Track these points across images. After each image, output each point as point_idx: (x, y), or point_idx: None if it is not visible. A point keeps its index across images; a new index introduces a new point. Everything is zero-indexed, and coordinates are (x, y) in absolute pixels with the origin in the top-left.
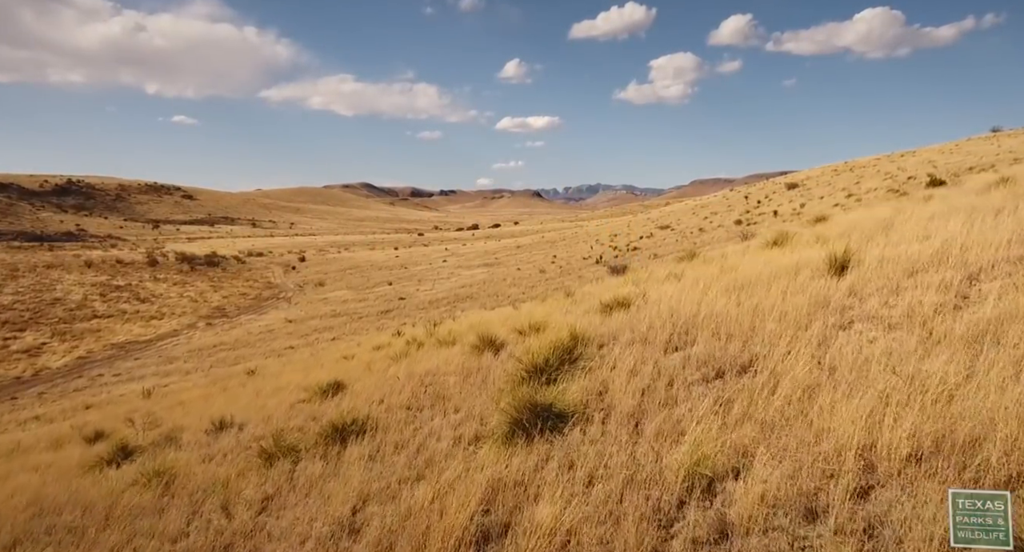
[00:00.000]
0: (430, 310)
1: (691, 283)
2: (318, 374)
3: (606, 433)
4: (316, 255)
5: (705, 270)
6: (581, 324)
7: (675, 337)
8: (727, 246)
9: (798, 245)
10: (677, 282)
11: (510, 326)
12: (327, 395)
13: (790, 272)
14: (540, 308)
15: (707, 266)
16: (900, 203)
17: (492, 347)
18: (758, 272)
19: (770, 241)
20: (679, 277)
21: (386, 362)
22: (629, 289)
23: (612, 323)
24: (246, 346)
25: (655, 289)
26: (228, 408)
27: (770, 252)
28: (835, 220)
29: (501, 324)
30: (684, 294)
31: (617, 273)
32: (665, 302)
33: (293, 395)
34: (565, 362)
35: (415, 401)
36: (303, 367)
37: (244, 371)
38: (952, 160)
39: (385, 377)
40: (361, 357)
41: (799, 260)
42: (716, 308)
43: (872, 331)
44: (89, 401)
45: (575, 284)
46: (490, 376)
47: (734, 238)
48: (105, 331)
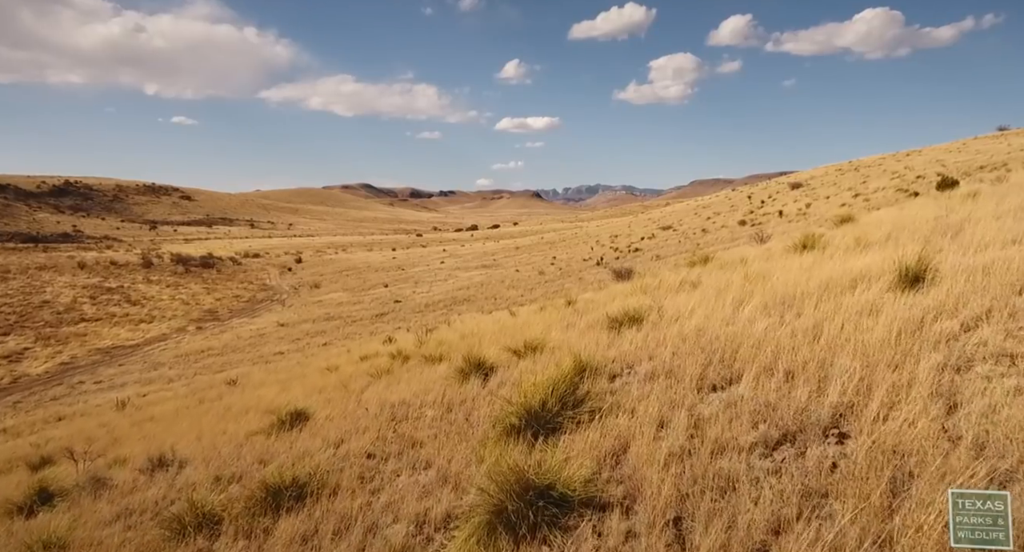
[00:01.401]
0: (426, 313)
1: (713, 293)
2: (292, 392)
3: (632, 541)
4: (313, 256)
5: (725, 277)
6: (585, 344)
7: (711, 370)
8: (742, 248)
9: (836, 250)
10: (694, 291)
11: (504, 342)
12: (287, 426)
13: (843, 284)
14: (538, 318)
15: (726, 272)
16: (939, 201)
17: (480, 371)
18: (798, 282)
19: (798, 244)
20: (695, 285)
21: (365, 379)
22: (639, 299)
23: (624, 344)
24: (235, 351)
25: (670, 300)
26: (189, 431)
27: (802, 258)
28: (865, 220)
29: (495, 336)
30: (708, 308)
31: (622, 278)
32: (687, 318)
33: (255, 421)
34: (568, 404)
35: (380, 446)
36: (284, 378)
37: (225, 381)
38: (961, 159)
39: (357, 404)
40: (344, 370)
41: (850, 269)
42: (757, 331)
43: (1009, 376)
44: (63, 412)
45: (575, 287)
46: (474, 414)
47: (740, 239)
48: (92, 335)
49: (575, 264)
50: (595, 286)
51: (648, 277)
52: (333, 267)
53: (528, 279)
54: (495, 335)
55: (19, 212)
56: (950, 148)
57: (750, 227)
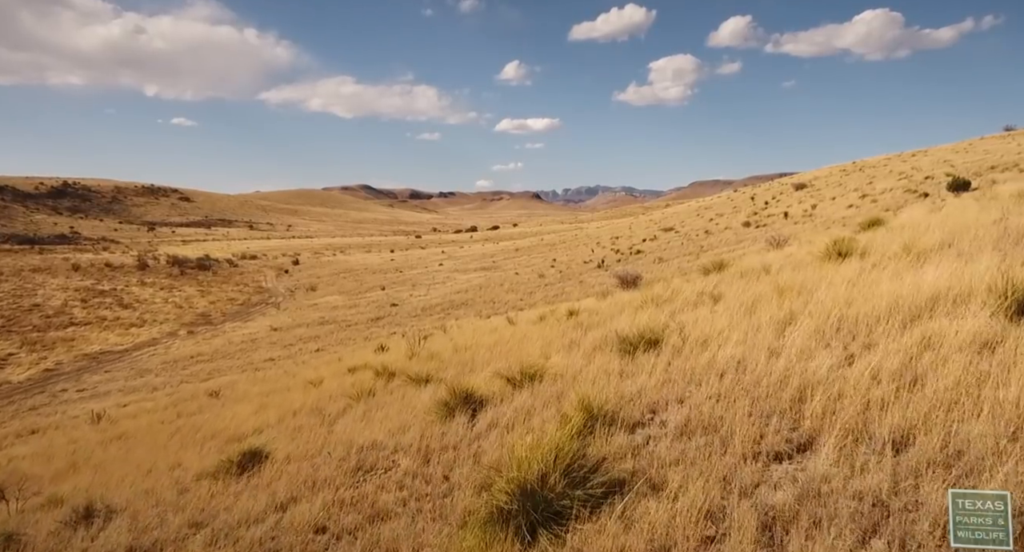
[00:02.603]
0: (423, 318)
1: (741, 310)
2: (266, 414)
3: None
4: (311, 258)
5: (751, 290)
6: (593, 372)
7: (770, 427)
8: (761, 254)
9: (882, 259)
10: (716, 305)
11: (498, 363)
12: (239, 470)
13: (917, 305)
14: (537, 330)
15: (749, 283)
16: (983, 202)
17: (467, 405)
18: (851, 300)
19: (830, 251)
20: (716, 298)
21: (343, 402)
22: (652, 314)
23: (641, 375)
24: (225, 357)
25: (689, 316)
26: (145, 460)
27: (841, 267)
28: (897, 224)
29: (490, 351)
30: (742, 331)
31: (628, 285)
32: (717, 343)
33: (214, 452)
34: (576, 476)
35: (336, 514)
36: (267, 390)
37: (208, 392)
38: (970, 159)
39: (326, 438)
40: (327, 386)
41: (920, 285)
42: (818, 369)
43: None
44: (39, 423)
45: (576, 290)
46: (456, 471)
47: (744, 241)
48: (79, 340)
49: (575, 266)
50: (597, 291)
51: (658, 285)
52: (330, 269)
53: (528, 282)
54: (490, 349)
55: (16, 213)
56: (957, 148)
57: (754, 229)
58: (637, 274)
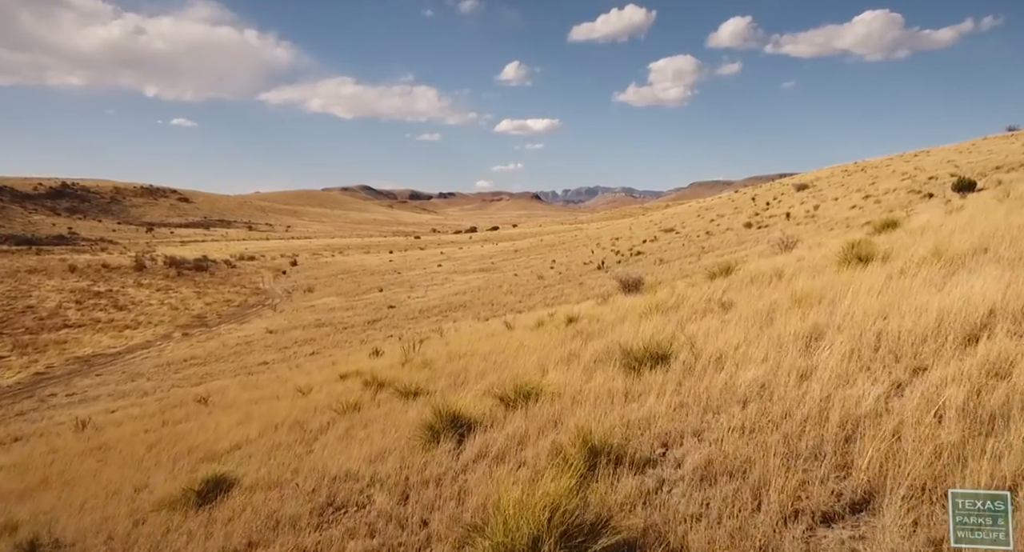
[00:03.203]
0: (420, 320)
1: (756, 321)
2: (249, 426)
3: None
4: (309, 259)
5: (765, 297)
6: (594, 391)
7: (808, 472)
8: (771, 257)
9: (911, 264)
10: (727, 314)
11: (492, 376)
12: (197, 501)
13: (968, 322)
14: (535, 338)
15: (761, 289)
16: (1007, 202)
17: (455, 429)
18: (885, 311)
19: (848, 255)
20: (727, 307)
21: (328, 415)
22: (657, 323)
23: (649, 398)
24: (218, 361)
25: (698, 326)
26: (112, 480)
27: (863, 274)
28: (915, 225)
29: (484, 360)
30: (763, 348)
31: (630, 289)
32: (735, 361)
33: (185, 472)
34: (575, 544)
35: None
36: (257, 397)
37: (196, 398)
38: (974, 159)
39: (301, 463)
40: (314, 396)
41: (967, 298)
42: (862, 398)
43: None
44: (24, 430)
45: (575, 292)
46: (435, 516)
47: (746, 242)
48: (72, 342)
49: (575, 268)
50: (598, 293)
51: (663, 290)
52: (328, 270)
53: (527, 284)
54: (485, 359)
55: (14, 214)
56: (960, 148)
57: (756, 230)
58: (639, 277)
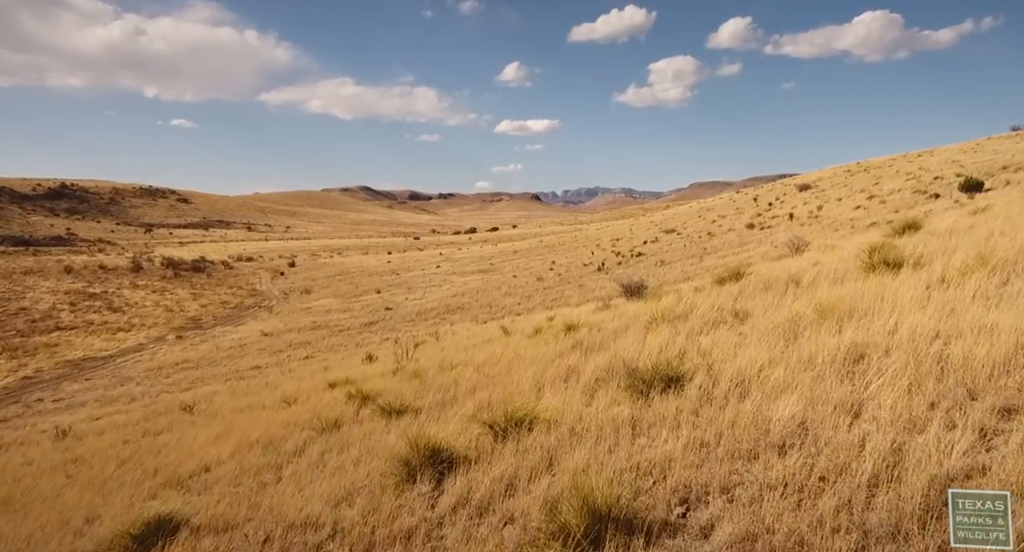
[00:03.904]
0: (417, 322)
1: (778, 336)
2: (228, 441)
3: None
4: (307, 260)
5: (784, 307)
6: (596, 420)
7: None
8: (782, 260)
9: (951, 271)
10: (742, 325)
11: (481, 397)
12: (132, 550)
13: None
14: (531, 347)
15: (777, 296)
16: None
17: (434, 466)
18: (944, 331)
19: (873, 259)
20: (741, 317)
21: (306, 434)
22: (665, 335)
23: (663, 435)
24: (211, 364)
25: (712, 341)
26: (77, 499)
27: (895, 282)
28: (941, 227)
29: (478, 371)
30: (794, 372)
31: (632, 294)
32: (761, 389)
33: (136, 505)
34: None
35: None
36: (243, 406)
37: (182, 406)
38: (979, 159)
39: (259, 499)
40: (298, 409)
41: None
42: (941, 448)
43: None
44: (4, 438)
45: (575, 294)
46: None
47: (749, 243)
48: (63, 345)
49: (575, 269)
50: (598, 295)
51: (668, 296)
52: (326, 271)
53: (526, 286)
54: (478, 370)
55: (13, 215)
56: (964, 148)
57: (758, 230)
58: (641, 282)
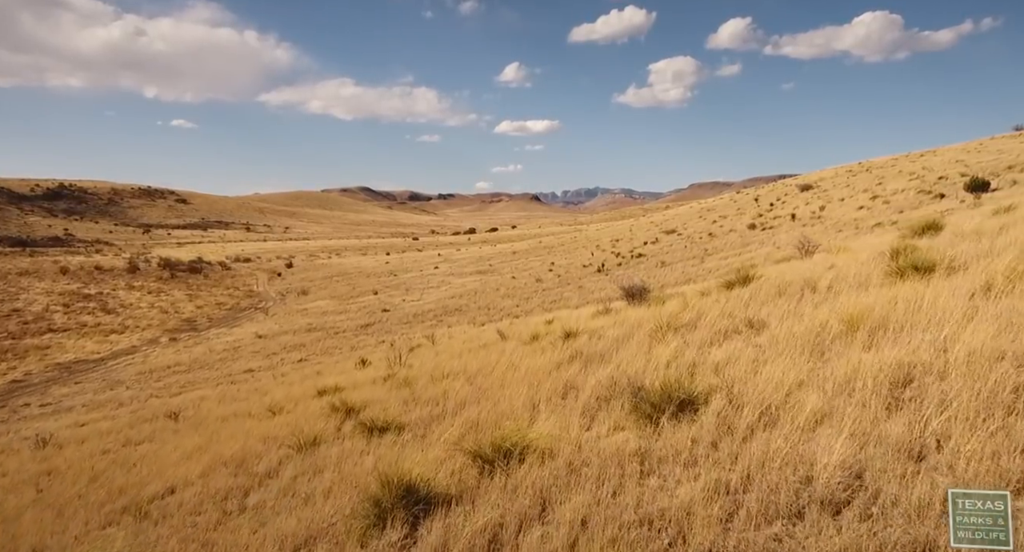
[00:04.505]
0: (413, 325)
1: (801, 350)
2: (203, 457)
3: None
4: (305, 261)
5: (801, 314)
6: (599, 458)
7: None
8: (789, 261)
9: (996, 277)
10: (758, 336)
11: (469, 415)
12: None
13: None
14: (527, 357)
15: (793, 303)
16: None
17: (407, 507)
18: (999, 348)
19: (901, 263)
20: (757, 327)
21: (282, 452)
22: (674, 347)
23: (676, 474)
24: (203, 368)
25: (727, 355)
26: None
27: (929, 289)
28: (965, 228)
29: (470, 381)
30: (823, 392)
31: (634, 299)
32: (791, 417)
33: (94, 532)
34: None
35: None
36: (228, 414)
37: (167, 413)
38: (983, 159)
39: (212, 537)
40: (280, 420)
41: None
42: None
43: None
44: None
45: (575, 296)
46: None
47: (751, 244)
48: (55, 348)
49: (574, 271)
50: (597, 298)
51: (672, 301)
52: (324, 272)
53: (524, 287)
54: (470, 381)
55: (10, 216)
56: (967, 148)
57: (760, 231)
58: (643, 285)
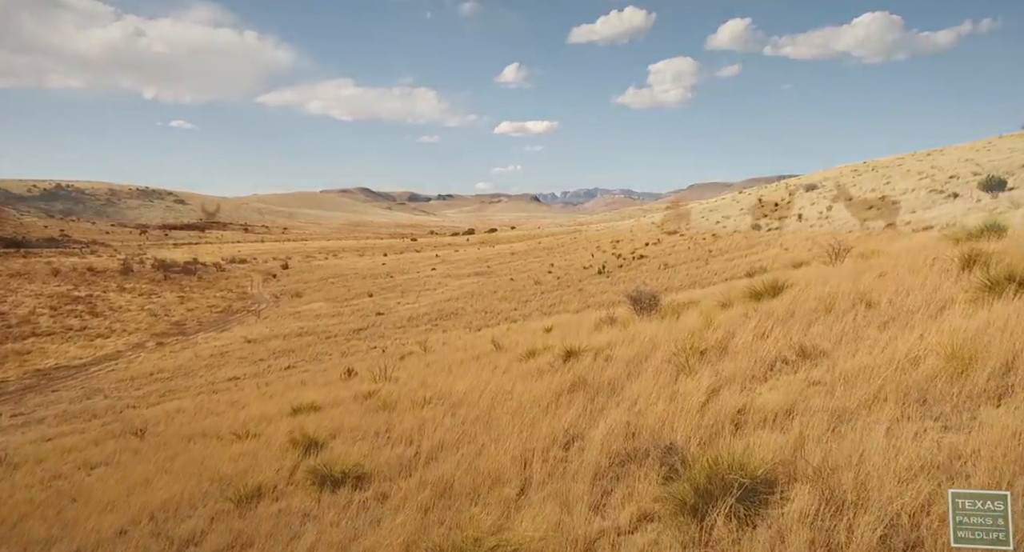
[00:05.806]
0: (408, 329)
1: (890, 392)
2: (131, 506)
3: None
4: (301, 262)
5: (865, 338)
6: None
7: None
8: (825, 267)
9: None
10: (815, 370)
11: (447, 468)
12: None
13: None
14: (522, 385)
15: (845, 321)
16: None
17: None
18: None
19: (991, 275)
20: (810, 356)
21: (218, 506)
22: (709, 383)
23: None
24: (186, 375)
25: (790, 399)
26: None
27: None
28: None
29: (452, 416)
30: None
31: (643, 308)
32: (930, 531)
33: None
34: None
35: None
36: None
37: (134, 429)
38: (995, 157)
39: None
40: (242, 447)
41: None
42: None
43: None
44: None
45: (575, 299)
46: None
47: (757, 245)
48: (36, 353)
49: (574, 272)
50: (599, 302)
51: (689, 313)
52: (320, 274)
53: (523, 289)
54: (453, 412)
55: (6, 216)
56: (975, 147)
57: (766, 232)
58: (653, 293)
